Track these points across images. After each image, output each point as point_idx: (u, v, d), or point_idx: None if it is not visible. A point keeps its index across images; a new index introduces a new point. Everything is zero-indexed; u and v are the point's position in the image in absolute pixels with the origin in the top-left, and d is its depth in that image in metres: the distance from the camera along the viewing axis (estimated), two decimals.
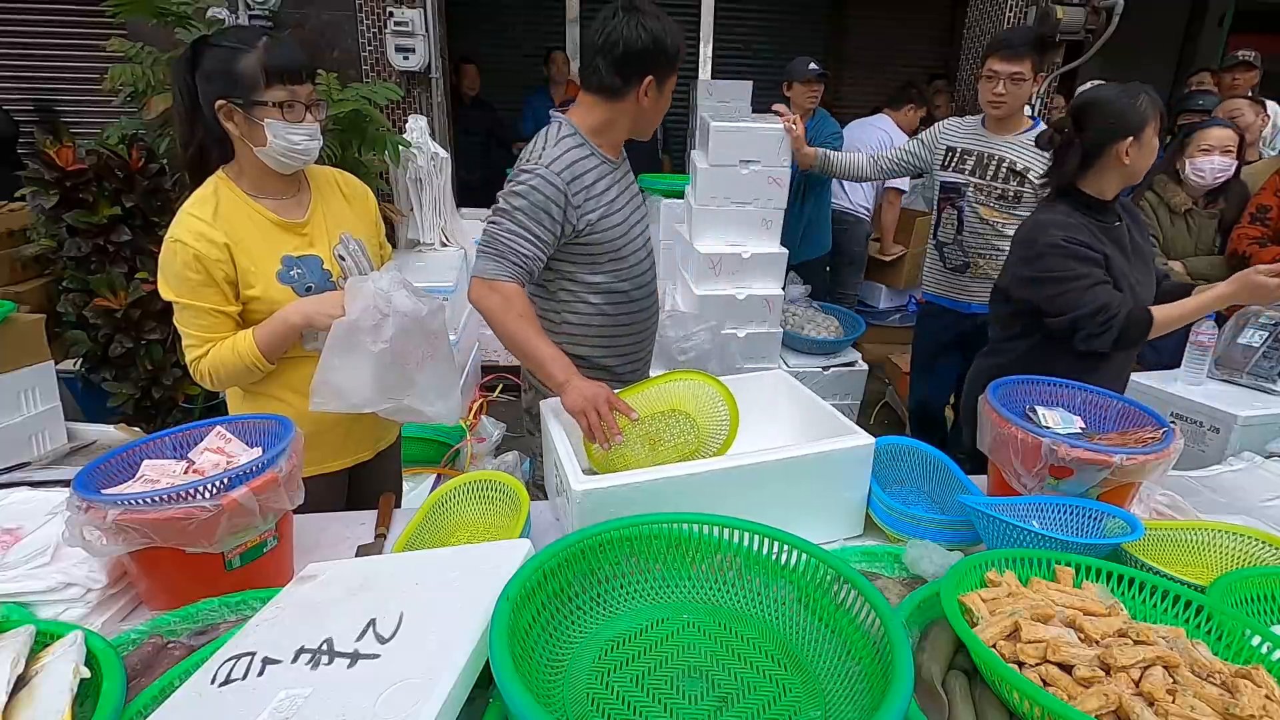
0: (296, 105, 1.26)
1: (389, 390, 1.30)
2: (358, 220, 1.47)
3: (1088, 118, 1.59)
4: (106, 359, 2.59)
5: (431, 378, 1.35)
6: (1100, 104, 1.58)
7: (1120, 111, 1.54)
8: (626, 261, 1.57)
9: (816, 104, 3.45)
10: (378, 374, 1.27)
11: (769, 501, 1.15)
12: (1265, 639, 0.80)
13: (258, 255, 1.30)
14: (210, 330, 1.29)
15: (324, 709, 0.67)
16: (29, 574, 1.02)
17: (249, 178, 1.33)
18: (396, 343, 1.26)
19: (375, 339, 1.24)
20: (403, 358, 1.29)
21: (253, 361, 1.29)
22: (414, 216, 3.83)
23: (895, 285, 4.74)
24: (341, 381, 1.26)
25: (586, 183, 1.47)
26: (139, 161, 2.55)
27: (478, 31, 5.66)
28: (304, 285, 1.34)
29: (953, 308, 2.60)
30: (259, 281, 1.30)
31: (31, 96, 4.69)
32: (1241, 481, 1.59)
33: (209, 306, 1.28)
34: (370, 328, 1.24)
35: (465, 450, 2.80)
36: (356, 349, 1.24)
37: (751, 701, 0.77)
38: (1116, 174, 1.59)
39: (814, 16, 6.15)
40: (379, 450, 1.59)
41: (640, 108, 1.50)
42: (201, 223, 1.26)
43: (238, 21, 3.66)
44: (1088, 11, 4.28)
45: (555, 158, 1.44)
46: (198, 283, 1.26)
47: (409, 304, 1.28)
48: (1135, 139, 1.54)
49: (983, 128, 2.45)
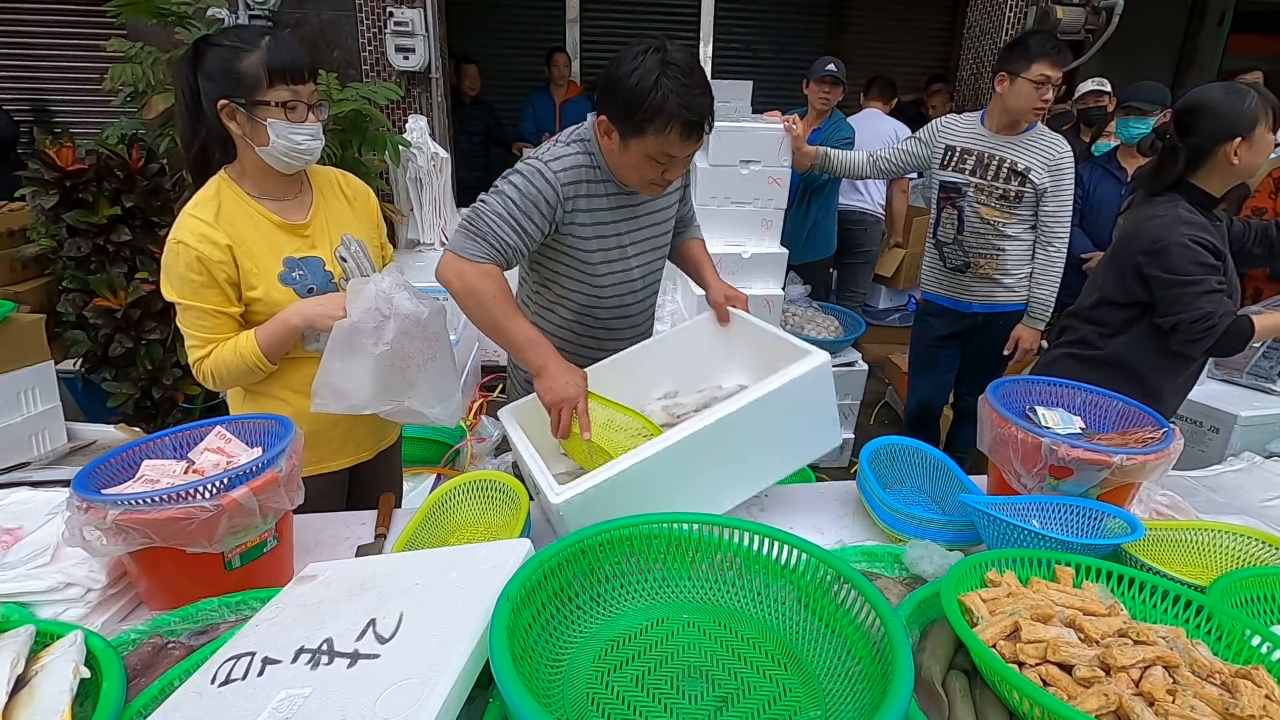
0: (299, 105, 1.26)
1: (390, 392, 1.30)
2: (359, 221, 1.47)
3: (1194, 120, 1.58)
4: (106, 359, 2.59)
5: (432, 379, 1.35)
6: (1207, 105, 1.57)
7: (1229, 113, 1.54)
8: (599, 284, 1.51)
9: (830, 105, 3.40)
10: (378, 375, 1.27)
11: (747, 447, 1.16)
12: (1265, 639, 0.80)
13: (260, 257, 1.31)
14: (213, 331, 1.29)
15: (324, 709, 0.67)
16: (29, 574, 1.02)
17: (251, 178, 1.33)
18: (397, 344, 1.26)
19: (377, 341, 1.24)
20: (404, 360, 1.29)
21: (254, 362, 1.29)
22: (414, 216, 3.84)
23: (895, 285, 4.74)
24: (342, 383, 1.26)
25: (583, 191, 1.40)
26: (139, 161, 2.56)
27: (478, 31, 5.66)
28: (305, 286, 1.34)
29: (952, 307, 2.60)
30: (261, 283, 1.30)
31: (31, 97, 4.69)
32: (1241, 481, 1.59)
33: (211, 308, 1.28)
34: (371, 330, 1.24)
35: (465, 450, 2.80)
36: (357, 351, 1.24)
37: (751, 701, 0.77)
38: (1227, 173, 1.59)
39: (814, 16, 6.15)
40: (380, 450, 1.59)
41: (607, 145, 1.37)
42: (204, 224, 1.26)
43: (238, 21, 3.66)
44: (1088, 11, 4.28)
45: (558, 157, 1.39)
46: (200, 284, 1.26)
47: (410, 306, 1.27)
48: (1245, 139, 1.54)
49: (983, 127, 2.43)
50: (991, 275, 2.48)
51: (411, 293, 1.29)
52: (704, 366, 1.54)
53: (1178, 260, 1.55)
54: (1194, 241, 1.54)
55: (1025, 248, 2.43)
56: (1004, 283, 2.47)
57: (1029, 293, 2.44)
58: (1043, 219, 2.36)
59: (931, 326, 2.70)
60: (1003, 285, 2.47)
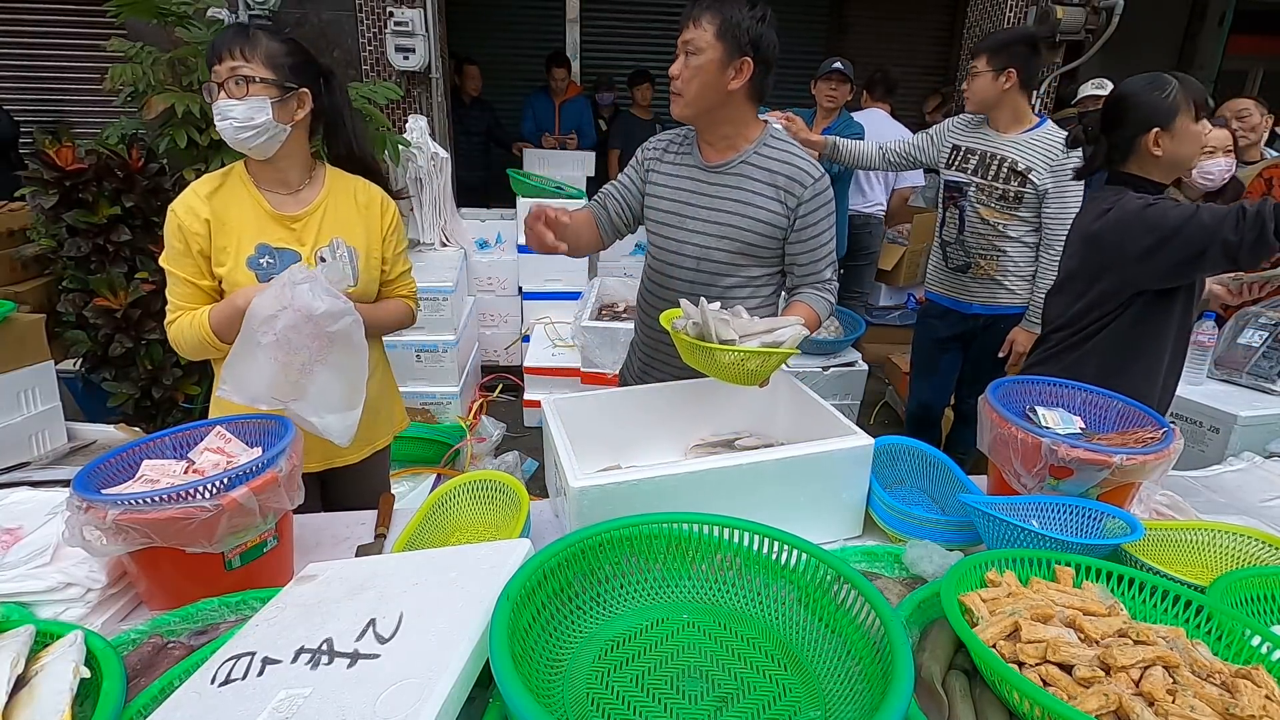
0: (239, 80, 1.27)
1: (278, 390, 1.22)
2: (363, 229, 1.46)
3: (1117, 112, 1.58)
4: (106, 359, 2.59)
5: (323, 387, 1.26)
6: (1128, 98, 1.56)
7: (1145, 104, 1.53)
8: (656, 242, 1.64)
9: (838, 103, 3.38)
10: (268, 370, 1.20)
11: (768, 501, 1.15)
12: (1265, 639, 0.80)
13: (237, 237, 1.35)
14: (185, 300, 1.36)
15: (324, 709, 0.67)
16: (29, 574, 1.01)
17: (253, 164, 1.40)
18: (284, 337, 1.19)
19: (268, 330, 1.19)
20: (286, 356, 1.21)
21: (203, 335, 1.32)
22: (414, 216, 3.83)
23: (894, 283, 4.75)
24: (243, 371, 1.21)
25: (666, 157, 1.63)
26: (139, 161, 2.55)
27: (478, 31, 5.67)
28: (268, 275, 1.34)
29: (954, 308, 2.60)
30: (229, 261, 1.35)
31: (32, 96, 4.69)
32: (1241, 481, 1.59)
33: (184, 276, 1.35)
34: (265, 318, 1.19)
35: (465, 450, 2.80)
36: (252, 338, 1.20)
37: (751, 701, 0.77)
38: (1156, 164, 1.56)
39: (814, 16, 6.16)
40: (364, 455, 1.58)
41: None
42: (194, 196, 1.34)
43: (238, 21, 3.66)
44: (1088, 11, 4.28)
45: (664, 134, 1.67)
46: (178, 251, 1.34)
47: (308, 299, 1.20)
48: (1164, 129, 1.51)
49: (986, 125, 2.43)
50: (992, 276, 2.47)
51: (323, 291, 1.22)
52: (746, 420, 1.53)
53: (1155, 217, 1.46)
54: (1154, 199, 1.51)
55: (1028, 250, 2.42)
56: (1006, 284, 2.46)
57: (1030, 295, 2.43)
58: (1045, 221, 2.35)
59: (933, 328, 2.69)
60: (1004, 287, 2.47)
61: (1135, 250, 1.50)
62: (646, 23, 6.03)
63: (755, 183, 1.52)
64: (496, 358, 4.32)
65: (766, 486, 1.15)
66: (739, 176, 1.53)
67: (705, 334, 1.25)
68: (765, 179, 1.52)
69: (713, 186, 1.55)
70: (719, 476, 1.13)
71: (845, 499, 1.25)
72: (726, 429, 1.50)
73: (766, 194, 1.51)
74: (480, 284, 4.19)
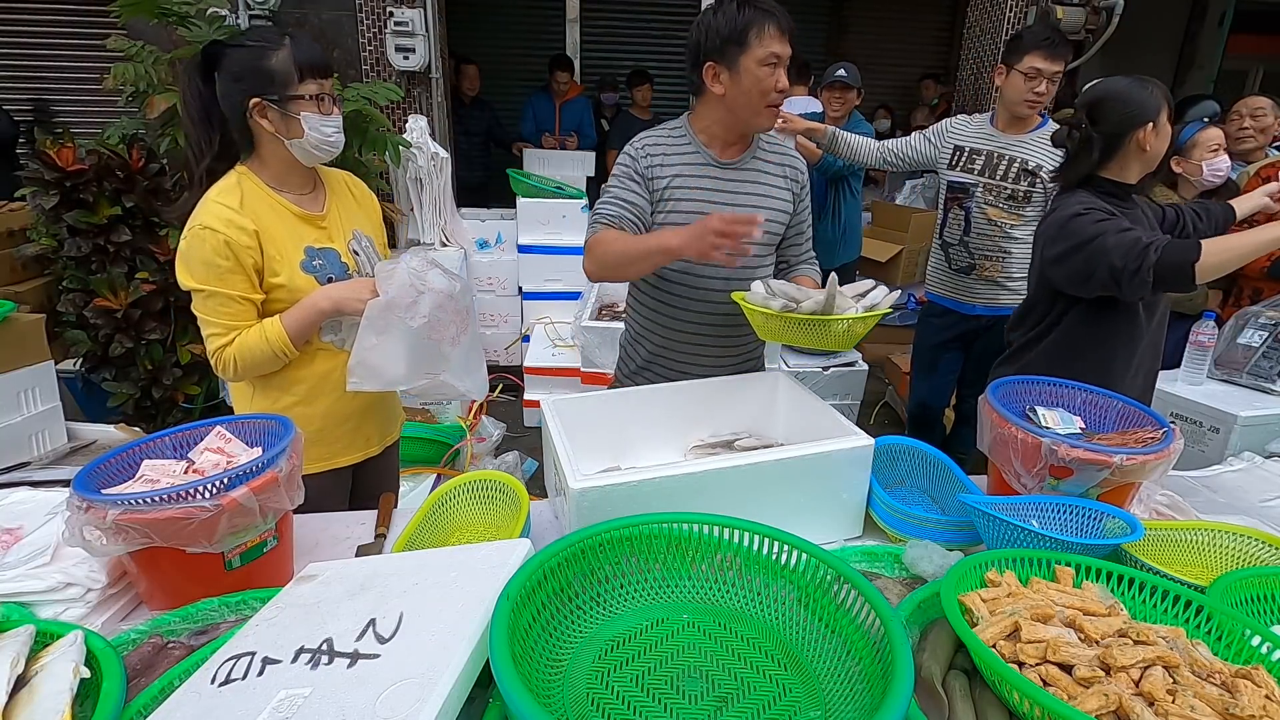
0: (326, 97, 1.31)
1: (424, 366, 1.34)
2: (366, 221, 1.52)
3: (1103, 110, 1.61)
4: (106, 359, 2.59)
5: (463, 353, 1.40)
6: (1115, 95, 1.60)
7: (1137, 100, 1.58)
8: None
9: (843, 111, 3.38)
10: (413, 351, 1.31)
11: (768, 502, 1.15)
12: (1265, 639, 0.80)
13: (283, 244, 1.34)
14: (236, 318, 1.31)
15: (324, 709, 0.67)
16: (29, 574, 1.01)
17: (272, 171, 1.37)
18: (433, 318, 1.31)
19: (414, 315, 1.29)
20: (438, 334, 1.34)
21: (281, 348, 1.32)
22: (414, 216, 3.84)
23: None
24: (378, 360, 1.30)
25: (661, 151, 1.55)
26: (139, 161, 2.56)
27: (478, 31, 5.67)
28: (325, 276, 1.38)
29: (955, 309, 2.59)
30: (284, 269, 1.33)
31: (32, 96, 4.69)
32: (1241, 481, 1.59)
33: (236, 294, 1.30)
34: (407, 305, 1.29)
35: (465, 450, 2.80)
36: (393, 326, 1.29)
37: (751, 701, 0.77)
38: (1138, 161, 1.62)
39: (814, 16, 6.16)
40: (386, 445, 1.61)
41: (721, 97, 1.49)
42: (230, 210, 1.28)
43: (238, 21, 3.66)
44: (1088, 11, 4.29)
45: (644, 136, 1.58)
46: (226, 269, 1.28)
47: (443, 282, 1.34)
48: (1154, 125, 1.57)
49: (992, 126, 2.42)
50: (996, 278, 2.47)
51: (441, 269, 1.35)
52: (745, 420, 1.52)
53: (1075, 227, 1.55)
54: (1086, 209, 1.56)
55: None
56: (1008, 286, 2.46)
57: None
58: None
59: (934, 329, 2.69)
60: (1007, 289, 2.47)
61: (1051, 254, 1.61)
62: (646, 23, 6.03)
63: (769, 175, 1.61)
64: (496, 358, 4.32)
65: (766, 487, 1.15)
66: (755, 171, 1.59)
67: (828, 308, 1.29)
68: (776, 170, 1.61)
69: (732, 183, 1.58)
70: (719, 477, 1.13)
71: (845, 499, 1.25)
72: (726, 429, 1.50)
73: (779, 184, 1.61)
74: (480, 284, 4.20)
